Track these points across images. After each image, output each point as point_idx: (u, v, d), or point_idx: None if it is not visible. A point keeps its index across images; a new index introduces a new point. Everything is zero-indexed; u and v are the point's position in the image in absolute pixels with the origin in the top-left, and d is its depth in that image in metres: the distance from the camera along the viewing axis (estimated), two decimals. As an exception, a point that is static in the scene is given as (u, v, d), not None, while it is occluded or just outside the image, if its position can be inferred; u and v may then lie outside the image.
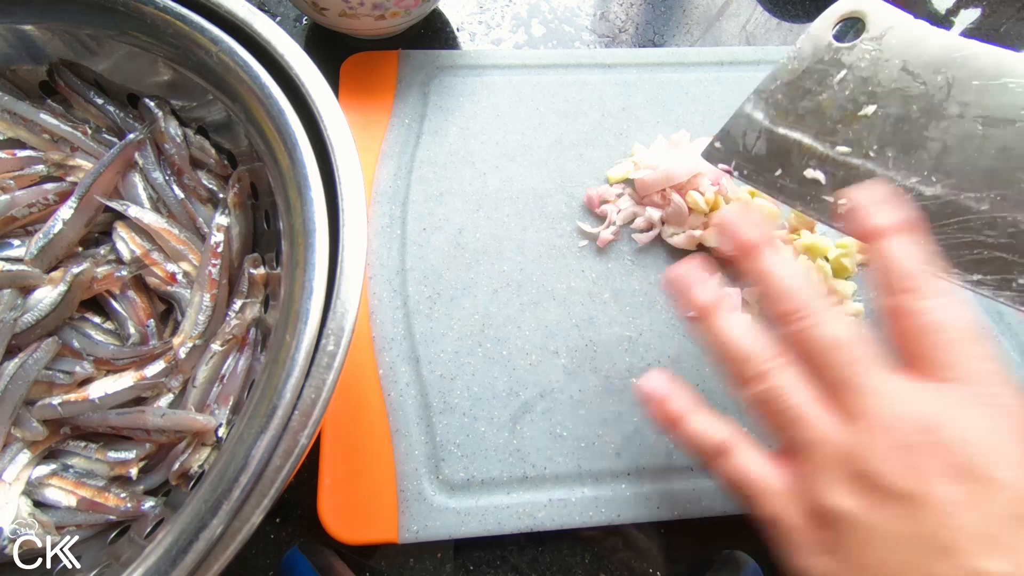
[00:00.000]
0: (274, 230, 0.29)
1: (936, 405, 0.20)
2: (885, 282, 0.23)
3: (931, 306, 0.21)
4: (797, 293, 0.23)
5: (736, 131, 0.31)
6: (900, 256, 0.22)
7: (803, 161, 0.30)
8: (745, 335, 0.24)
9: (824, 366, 0.22)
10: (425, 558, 0.31)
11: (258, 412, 0.21)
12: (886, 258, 0.23)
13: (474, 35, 0.46)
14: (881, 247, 0.23)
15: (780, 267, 0.24)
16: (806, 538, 0.21)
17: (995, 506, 0.18)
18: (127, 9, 0.28)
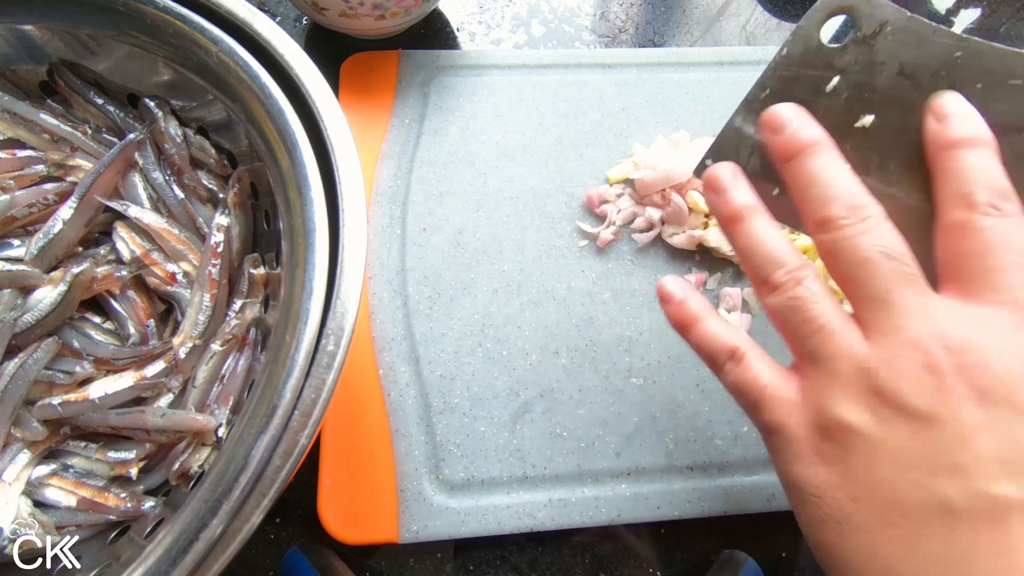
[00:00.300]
0: (274, 230, 0.29)
1: (974, 326, 0.19)
2: (952, 193, 0.21)
3: (1004, 224, 0.20)
4: (848, 197, 0.21)
5: (727, 147, 0.28)
6: (979, 168, 0.21)
7: None
8: (777, 239, 0.23)
9: (861, 280, 0.21)
10: (425, 558, 0.31)
11: (258, 412, 0.21)
12: (961, 168, 0.21)
13: (474, 35, 0.46)
14: (957, 156, 0.21)
15: (832, 168, 0.22)
16: (807, 447, 0.20)
17: (1017, 432, 0.18)
18: (127, 9, 0.28)
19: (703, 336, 0.24)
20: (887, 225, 0.21)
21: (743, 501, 0.31)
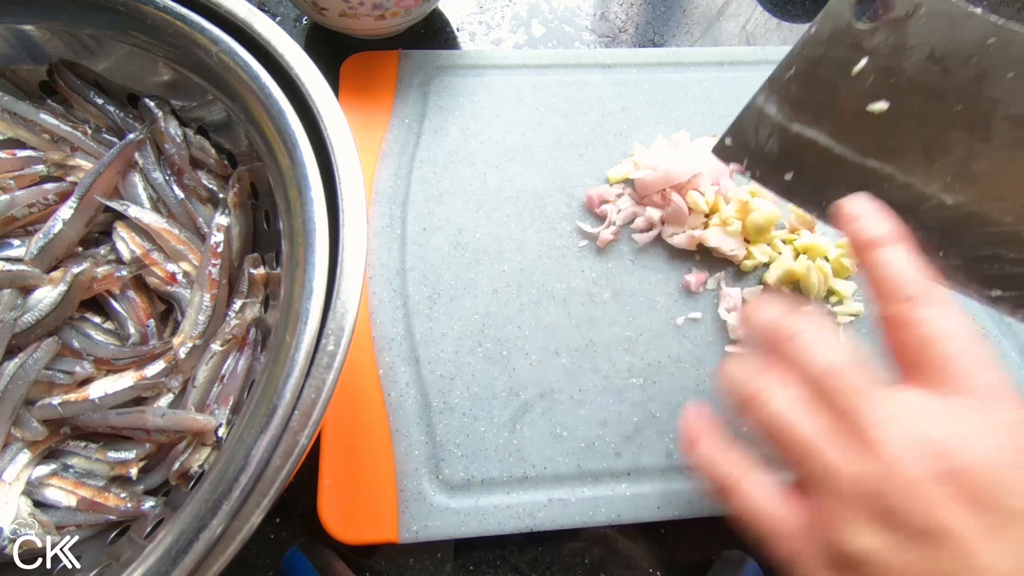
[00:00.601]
0: (274, 230, 0.29)
1: (948, 425, 0.19)
2: (882, 291, 0.22)
3: (932, 315, 0.21)
4: (784, 322, 0.23)
5: (747, 126, 0.28)
6: (896, 265, 0.22)
7: (818, 162, 0.27)
8: (742, 366, 0.23)
9: (826, 392, 0.21)
10: (425, 558, 0.31)
11: (258, 412, 0.21)
12: (882, 267, 0.22)
13: (474, 35, 0.46)
14: (876, 256, 0.22)
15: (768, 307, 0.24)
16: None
17: (1011, 535, 0.18)
18: (127, 9, 0.28)
19: (698, 463, 0.24)
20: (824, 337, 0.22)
21: (743, 501, 0.31)
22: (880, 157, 0.25)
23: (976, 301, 0.26)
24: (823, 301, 0.37)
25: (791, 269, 0.36)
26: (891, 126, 0.25)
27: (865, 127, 0.25)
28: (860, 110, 0.25)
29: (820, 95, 0.26)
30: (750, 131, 0.28)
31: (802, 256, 0.37)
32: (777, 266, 0.36)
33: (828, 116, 0.26)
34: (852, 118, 0.25)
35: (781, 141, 0.27)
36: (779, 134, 0.27)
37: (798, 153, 0.28)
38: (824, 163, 0.27)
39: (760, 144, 0.28)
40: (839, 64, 0.25)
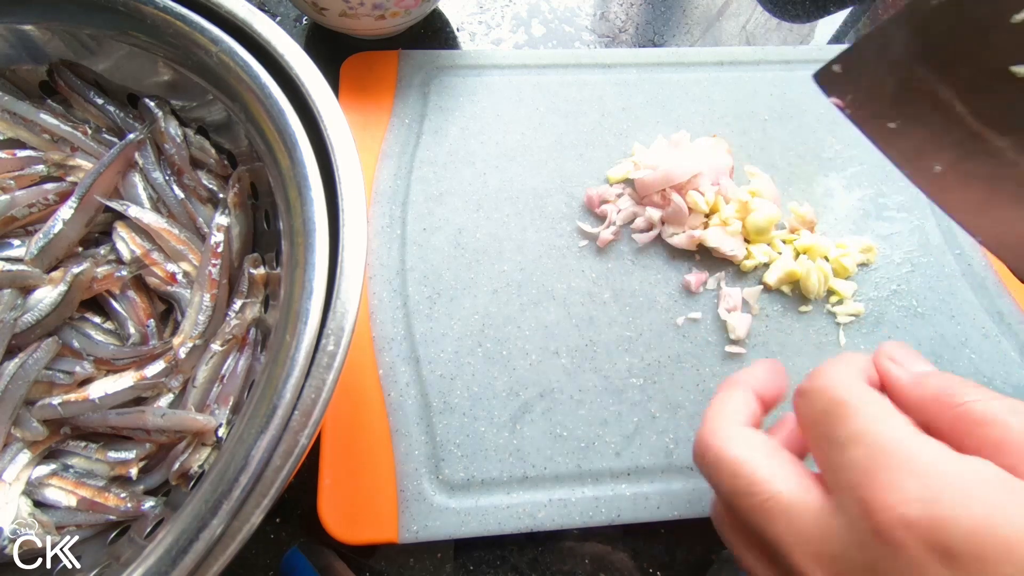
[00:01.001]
0: (274, 230, 0.29)
1: None
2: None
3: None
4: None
5: (865, 55, 0.24)
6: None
7: (931, 118, 0.24)
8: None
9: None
10: (425, 558, 0.31)
11: (258, 412, 0.21)
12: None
13: (474, 35, 0.46)
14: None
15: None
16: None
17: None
18: (127, 9, 0.28)
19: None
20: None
21: (743, 501, 0.31)
22: (1002, 129, 0.22)
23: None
24: (823, 301, 0.37)
25: (791, 269, 0.36)
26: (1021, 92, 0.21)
27: (1000, 89, 0.21)
28: (1002, 69, 0.21)
29: (961, 40, 0.22)
30: (866, 62, 0.24)
31: (802, 256, 0.37)
32: (777, 266, 0.36)
33: (962, 67, 0.22)
34: (989, 76, 0.21)
35: (898, 83, 0.24)
36: (898, 74, 0.23)
37: (912, 101, 0.24)
38: (938, 120, 0.23)
39: (874, 80, 0.24)
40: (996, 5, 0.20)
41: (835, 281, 0.36)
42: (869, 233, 0.39)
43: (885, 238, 0.39)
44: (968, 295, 0.37)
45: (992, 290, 0.37)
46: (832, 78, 0.25)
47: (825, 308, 0.36)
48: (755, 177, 0.39)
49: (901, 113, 0.24)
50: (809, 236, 0.37)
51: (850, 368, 0.21)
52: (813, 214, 0.38)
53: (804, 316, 0.36)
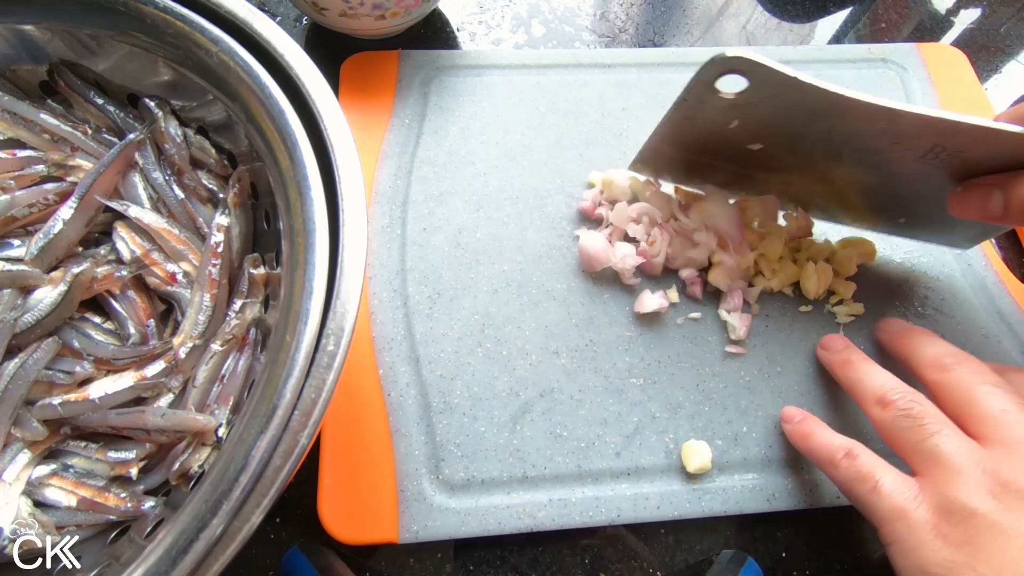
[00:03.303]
0: (274, 230, 0.29)
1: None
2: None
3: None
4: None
5: (654, 155, 0.35)
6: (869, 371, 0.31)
7: (718, 172, 0.36)
8: (886, 373, 0.29)
9: (957, 403, 0.26)
10: (425, 558, 0.31)
11: (258, 412, 0.21)
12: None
13: (474, 35, 0.46)
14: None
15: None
16: (931, 532, 0.23)
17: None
18: (127, 9, 0.28)
19: (820, 442, 0.29)
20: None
21: (743, 501, 0.31)
22: (765, 170, 0.35)
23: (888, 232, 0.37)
24: (823, 301, 0.37)
25: (791, 271, 0.36)
26: (768, 154, 0.33)
27: (748, 156, 0.33)
28: (742, 148, 0.33)
29: (706, 141, 0.33)
30: (654, 159, 0.35)
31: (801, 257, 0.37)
32: (779, 268, 0.36)
33: (717, 151, 0.34)
34: (736, 152, 0.33)
35: (682, 164, 0.36)
36: (680, 161, 0.35)
37: (699, 169, 0.36)
38: (722, 172, 0.35)
39: (667, 164, 0.36)
40: (714, 122, 0.31)
41: (835, 281, 0.36)
42: (869, 233, 0.39)
43: (885, 238, 0.39)
44: (968, 295, 0.37)
45: (992, 290, 0.37)
46: (639, 167, 0.37)
47: (825, 308, 0.36)
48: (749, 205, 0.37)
49: (698, 174, 0.37)
50: (810, 243, 0.37)
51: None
52: (806, 216, 0.38)
53: (804, 316, 0.36)
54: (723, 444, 0.32)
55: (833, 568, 0.32)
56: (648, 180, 0.37)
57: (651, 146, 0.34)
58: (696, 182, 0.37)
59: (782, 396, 0.34)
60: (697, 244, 0.35)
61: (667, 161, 0.35)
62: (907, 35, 0.50)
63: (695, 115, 0.31)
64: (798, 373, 0.34)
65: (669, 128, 0.32)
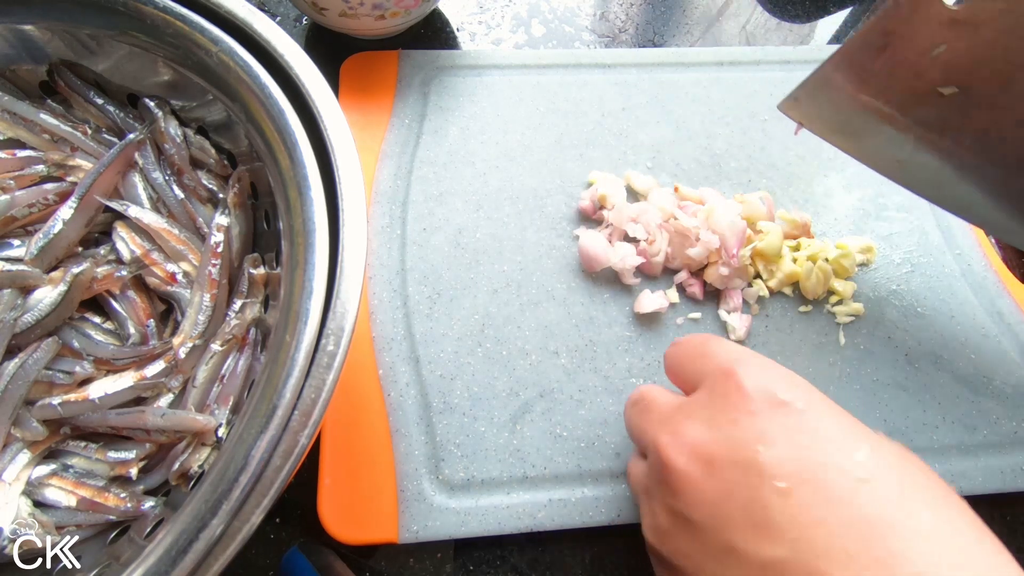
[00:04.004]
0: (274, 230, 0.29)
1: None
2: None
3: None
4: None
5: (815, 90, 0.30)
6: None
7: (880, 126, 0.30)
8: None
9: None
10: (425, 558, 0.31)
11: (258, 412, 0.21)
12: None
13: (474, 35, 0.46)
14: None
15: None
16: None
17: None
18: (127, 9, 0.28)
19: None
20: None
21: (743, 501, 0.31)
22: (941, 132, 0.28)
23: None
24: (823, 301, 0.37)
25: (791, 271, 0.36)
26: (958, 106, 0.27)
27: (932, 104, 0.27)
28: (930, 90, 0.27)
29: (893, 70, 0.27)
30: (817, 94, 0.30)
31: (801, 257, 0.37)
32: (777, 268, 0.36)
33: (897, 90, 0.28)
34: (921, 96, 0.27)
35: (846, 106, 0.30)
36: (845, 100, 0.29)
37: (861, 116, 0.30)
38: (886, 129, 0.30)
39: (826, 104, 0.30)
40: (917, 42, 0.25)
41: (835, 281, 0.36)
42: (869, 233, 0.39)
43: (885, 238, 0.39)
44: (968, 295, 0.37)
45: (992, 290, 0.37)
46: (793, 106, 0.32)
47: (825, 308, 0.36)
48: (745, 203, 0.38)
49: (854, 125, 0.30)
50: (808, 241, 0.37)
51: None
52: (803, 217, 0.38)
53: (804, 316, 0.36)
54: (723, 444, 0.32)
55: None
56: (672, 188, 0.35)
57: (821, 75, 0.29)
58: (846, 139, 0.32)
59: (782, 396, 0.34)
60: (696, 243, 0.35)
61: (830, 99, 0.30)
62: (907, 35, 0.50)
63: (897, 29, 0.25)
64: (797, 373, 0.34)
65: (857, 46, 0.27)
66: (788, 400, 0.22)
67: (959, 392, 0.34)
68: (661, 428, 0.24)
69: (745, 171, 0.40)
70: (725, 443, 0.22)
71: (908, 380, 0.35)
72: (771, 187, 0.40)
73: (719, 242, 0.35)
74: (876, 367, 0.35)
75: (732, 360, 0.24)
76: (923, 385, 0.35)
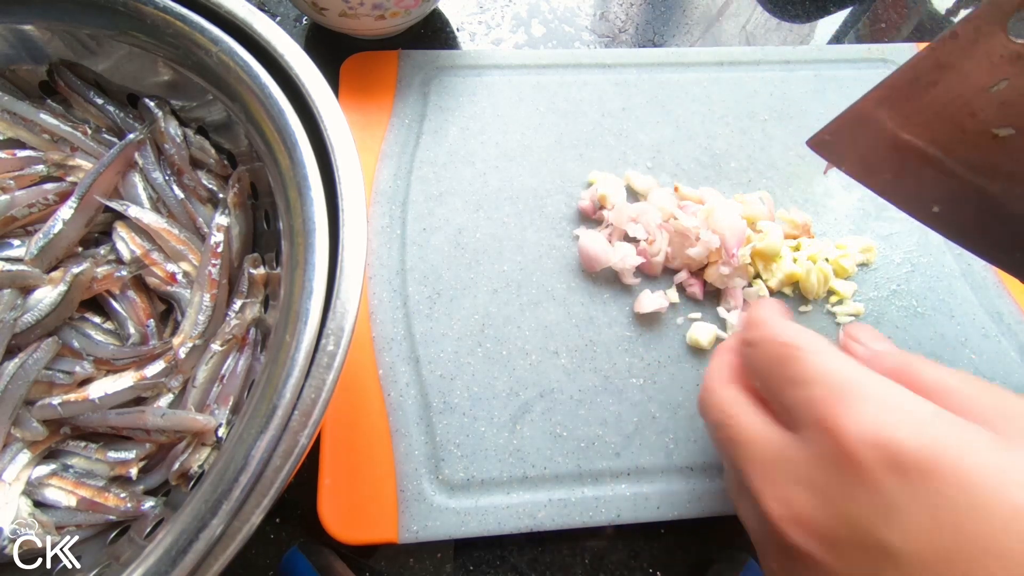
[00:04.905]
0: (274, 230, 0.29)
1: None
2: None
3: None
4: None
5: (851, 126, 0.27)
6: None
7: (922, 169, 0.27)
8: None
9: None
10: (425, 558, 0.31)
11: (258, 412, 0.21)
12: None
13: (474, 35, 0.46)
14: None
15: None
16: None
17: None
18: (127, 9, 0.28)
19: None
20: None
21: (743, 501, 0.31)
22: (993, 177, 0.25)
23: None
24: (823, 301, 0.37)
25: (791, 271, 0.36)
26: (1011, 149, 0.24)
27: (984, 146, 0.24)
28: (985, 130, 0.24)
29: (943, 108, 0.25)
30: (853, 130, 0.27)
31: (802, 257, 0.37)
32: (777, 268, 0.36)
33: (945, 130, 0.25)
34: (972, 137, 0.24)
35: (886, 145, 0.27)
36: (885, 138, 0.27)
37: (902, 158, 0.27)
38: (930, 172, 0.27)
39: (862, 144, 0.27)
40: (975, 77, 0.23)
41: (835, 281, 0.36)
42: (869, 233, 0.39)
43: (885, 238, 0.39)
44: (968, 295, 0.37)
45: (992, 290, 0.37)
46: (824, 144, 0.29)
47: (825, 308, 0.36)
48: (745, 203, 0.37)
49: (893, 168, 0.27)
50: (808, 241, 0.37)
51: (785, 318, 0.24)
52: (804, 217, 0.38)
53: (804, 316, 0.36)
54: (723, 444, 0.32)
55: (833, 568, 0.32)
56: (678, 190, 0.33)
57: (859, 111, 0.26)
58: (882, 182, 0.29)
59: (782, 396, 0.34)
60: (696, 243, 0.35)
61: (867, 137, 0.27)
62: (907, 35, 0.50)
63: (953, 62, 0.23)
64: (798, 373, 0.34)
65: (904, 80, 0.24)
66: (915, 458, 0.17)
67: (959, 392, 0.34)
68: (764, 484, 0.20)
69: (745, 171, 0.40)
70: (845, 523, 0.18)
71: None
72: (771, 187, 0.40)
73: (719, 242, 0.35)
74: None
75: (830, 400, 0.19)
76: (923, 385, 0.35)
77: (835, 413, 0.18)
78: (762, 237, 0.36)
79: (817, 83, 0.43)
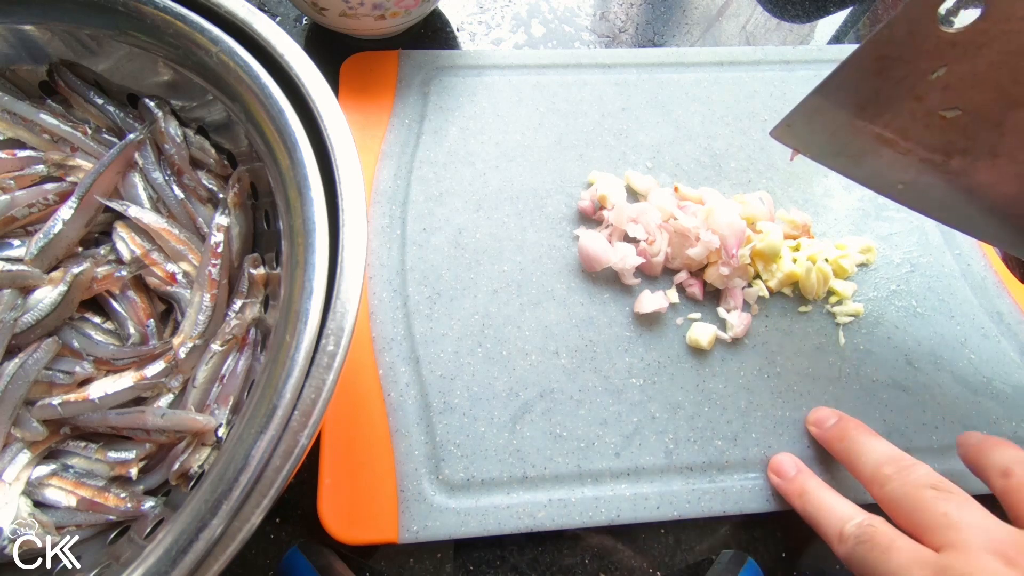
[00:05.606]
0: (274, 230, 0.29)
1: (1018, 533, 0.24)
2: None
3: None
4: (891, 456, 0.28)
5: (807, 117, 0.29)
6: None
7: (880, 149, 0.29)
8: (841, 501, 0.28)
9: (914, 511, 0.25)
10: (425, 558, 0.31)
11: (258, 412, 0.21)
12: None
13: (474, 35, 0.46)
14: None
15: (870, 441, 0.29)
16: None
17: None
18: (127, 9, 0.28)
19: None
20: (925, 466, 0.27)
21: (743, 501, 0.31)
22: (950, 154, 0.26)
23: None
24: (823, 301, 0.37)
25: (791, 271, 0.36)
26: (962, 129, 0.25)
27: (936, 127, 0.26)
28: (932, 113, 0.25)
29: (890, 95, 0.26)
30: (811, 120, 0.29)
31: (801, 257, 0.37)
32: (777, 268, 0.36)
33: (896, 115, 0.27)
34: (922, 119, 0.26)
35: (844, 131, 0.29)
36: (841, 125, 0.28)
37: (861, 142, 0.29)
38: (888, 152, 0.28)
39: (821, 130, 0.29)
40: (915, 66, 0.24)
41: (835, 281, 0.36)
42: (868, 233, 0.39)
43: (884, 238, 0.39)
44: (968, 295, 0.37)
45: (992, 290, 0.37)
46: (786, 133, 0.31)
47: (825, 308, 0.36)
48: (745, 203, 0.38)
49: (853, 150, 0.29)
50: (808, 241, 0.37)
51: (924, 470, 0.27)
52: (804, 217, 0.38)
53: (804, 316, 0.36)
54: (723, 444, 0.32)
55: (833, 568, 0.32)
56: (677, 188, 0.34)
57: (812, 103, 0.28)
58: (845, 163, 0.30)
59: (781, 396, 0.34)
60: (696, 243, 0.35)
61: (824, 125, 0.29)
62: (907, 35, 0.50)
63: (892, 53, 0.24)
64: (797, 373, 0.34)
65: (848, 73, 0.26)
66: None
67: (959, 392, 0.34)
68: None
69: (745, 171, 0.40)
70: None
71: (908, 380, 0.35)
72: (771, 187, 0.40)
73: (719, 242, 0.35)
74: (876, 367, 0.35)
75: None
76: (923, 385, 0.35)
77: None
78: (762, 237, 0.36)
79: (817, 83, 0.43)
